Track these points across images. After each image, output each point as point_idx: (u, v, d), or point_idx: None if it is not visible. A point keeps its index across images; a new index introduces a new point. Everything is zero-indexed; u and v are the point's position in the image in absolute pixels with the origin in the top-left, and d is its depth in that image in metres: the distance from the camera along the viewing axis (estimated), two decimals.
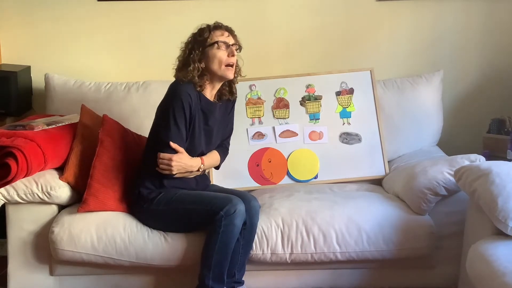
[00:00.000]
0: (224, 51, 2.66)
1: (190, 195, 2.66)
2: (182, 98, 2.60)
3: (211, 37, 2.66)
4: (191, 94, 2.62)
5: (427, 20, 3.53)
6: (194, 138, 2.69)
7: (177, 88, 2.64)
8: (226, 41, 2.67)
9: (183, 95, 2.60)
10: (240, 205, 2.55)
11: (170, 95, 2.66)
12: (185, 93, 2.61)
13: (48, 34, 3.49)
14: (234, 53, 2.67)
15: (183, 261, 2.65)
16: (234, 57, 2.68)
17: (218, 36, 2.67)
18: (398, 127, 3.25)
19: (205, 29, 2.68)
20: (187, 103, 2.60)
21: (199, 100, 2.68)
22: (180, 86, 2.64)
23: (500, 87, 3.56)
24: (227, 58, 2.66)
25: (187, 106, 2.60)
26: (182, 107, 2.60)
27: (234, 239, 2.55)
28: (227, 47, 2.67)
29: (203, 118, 2.72)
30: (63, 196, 2.75)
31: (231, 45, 2.68)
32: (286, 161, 3.20)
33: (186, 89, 2.62)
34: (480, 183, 2.37)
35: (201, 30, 2.69)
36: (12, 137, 2.66)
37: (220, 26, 2.71)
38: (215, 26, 2.70)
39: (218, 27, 2.70)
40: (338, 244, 2.67)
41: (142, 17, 3.48)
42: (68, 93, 3.26)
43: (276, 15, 3.51)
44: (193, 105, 2.62)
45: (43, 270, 2.78)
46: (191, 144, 2.69)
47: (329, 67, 3.39)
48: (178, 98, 2.61)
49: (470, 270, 2.32)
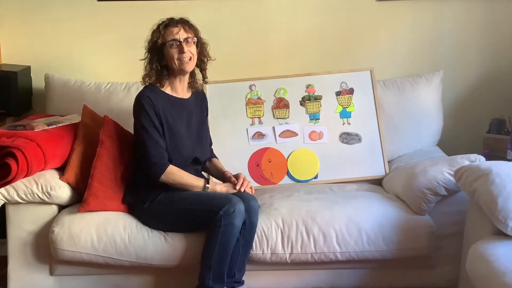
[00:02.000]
0: (176, 48, 2.69)
1: (189, 195, 2.66)
2: (143, 104, 2.65)
3: (162, 37, 2.69)
4: (150, 96, 2.67)
5: (427, 20, 3.53)
6: (175, 138, 2.70)
7: (138, 98, 2.70)
8: (176, 38, 2.68)
9: (144, 101, 2.66)
10: (240, 205, 2.55)
11: (134, 108, 2.71)
12: (145, 99, 2.66)
13: (48, 34, 3.49)
14: (183, 50, 2.68)
15: (183, 261, 2.65)
16: (186, 53, 2.68)
17: (169, 35, 2.69)
18: (398, 127, 3.25)
19: (155, 31, 2.72)
20: (149, 107, 2.65)
21: (165, 98, 2.72)
22: (139, 95, 2.70)
23: (500, 87, 3.56)
24: (178, 55, 2.68)
25: (151, 110, 2.65)
26: (147, 114, 2.64)
27: (233, 239, 2.55)
28: (177, 45, 2.68)
29: (178, 115, 2.74)
30: (63, 196, 2.75)
31: (182, 41, 2.68)
32: (286, 161, 3.20)
33: (146, 93, 2.69)
34: (480, 183, 2.37)
35: (153, 33, 2.73)
36: (12, 137, 2.66)
37: (171, 23, 2.71)
38: (165, 25, 2.72)
39: (168, 25, 2.71)
40: (338, 244, 2.67)
41: (142, 17, 3.48)
42: (68, 93, 3.27)
43: (276, 15, 3.52)
44: (156, 106, 2.66)
45: (43, 270, 2.78)
46: (175, 144, 2.70)
47: (329, 67, 3.39)
48: (140, 107, 2.66)
49: (470, 270, 2.32)
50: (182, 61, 2.68)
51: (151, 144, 2.64)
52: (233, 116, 3.23)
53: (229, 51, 3.42)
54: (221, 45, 3.15)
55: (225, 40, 3.44)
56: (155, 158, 2.63)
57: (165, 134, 2.68)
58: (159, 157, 2.64)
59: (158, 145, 2.65)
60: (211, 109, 3.04)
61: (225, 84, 3.24)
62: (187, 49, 2.69)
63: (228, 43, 3.45)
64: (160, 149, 2.65)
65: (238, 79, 3.28)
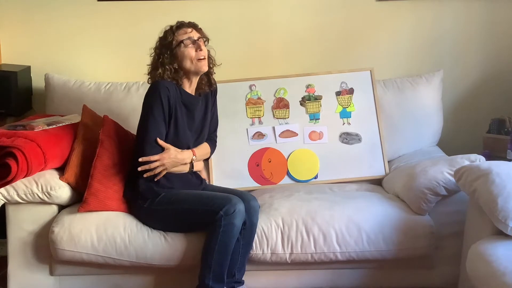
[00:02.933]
0: (192, 47, 2.70)
1: (189, 195, 2.67)
2: (160, 91, 2.64)
3: (175, 38, 2.71)
4: (169, 87, 2.67)
5: (427, 20, 3.53)
6: (178, 132, 2.71)
7: (155, 84, 2.69)
8: (191, 37, 2.71)
9: (161, 89, 2.65)
10: (240, 205, 2.56)
11: (148, 93, 2.71)
12: (163, 87, 2.66)
13: (48, 34, 3.49)
14: (201, 47, 2.71)
15: (183, 261, 2.65)
16: (203, 51, 2.72)
17: (182, 35, 2.71)
18: (398, 127, 3.25)
19: (169, 31, 2.73)
20: (165, 96, 2.64)
21: (179, 94, 2.72)
22: (159, 82, 2.69)
23: (500, 87, 3.56)
24: (196, 53, 2.70)
25: (165, 98, 2.64)
26: (160, 101, 2.63)
27: (234, 239, 2.55)
28: (193, 43, 2.71)
29: (186, 111, 2.75)
30: (63, 196, 2.75)
31: (197, 39, 2.72)
32: (286, 161, 3.20)
33: (164, 83, 2.68)
34: (480, 183, 2.37)
35: (165, 33, 2.74)
36: (12, 137, 2.66)
37: (183, 25, 2.74)
38: (177, 26, 2.74)
39: (181, 26, 2.74)
40: (338, 244, 2.67)
41: (142, 17, 3.48)
42: (68, 93, 3.27)
43: (277, 15, 3.52)
44: (171, 98, 2.66)
45: (43, 270, 2.78)
46: (177, 138, 2.71)
47: (329, 67, 3.39)
48: (156, 93, 2.66)
49: (470, 270, 2.32)
50: (200, 60, 2.70)
51: (153, 125, 2.64)
52: (233, 116, 3.22)
53: (229, 51, 3.42)
54: (221, 45, 3.13)
55: (225, 40, 3.44)
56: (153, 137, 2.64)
57: (170, 125, 2.69)
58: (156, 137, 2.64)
59: (159, 129, 2.65)
60: None
61: (225, 84, 3.24)
62: (203, 47, 2.72)
63: (228, 43, 3.45)
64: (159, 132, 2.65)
65: (238, 79, 3.28)
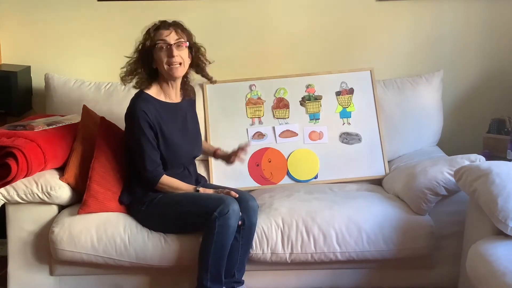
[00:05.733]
0: (165, 51, 2.62)
1: (185, 196, 2.66)
2: (138, 119, 2.59)
3: (153, 39, 2.63)
4: (144, 108, 2.61)
5: (427, 20, 3.52)
6: (172, 147, 2.68)
7: (130, 112, 2.64)
8: (165, 40, 2.61)
9: (137, 114, 2.60)
10: (234, 205, 2.54)
11: (126, 119, 2.66)
12: (138, 111, 2.60)
13: (48, 34, 3.49)
14: (172, 54, 2.60)
15: (183, 261, 2.65)
16: (174, 57, 2.61)
17: (159, 36, 2.63)
18: (398, 127, 3.25)
19: (147, 33, 2.66)
20: (143, 120, 2.60)
21: (157, 108, 2.66)
22: (132, 108, 2.63)
23: (500, 87, 3.56)
24: (167, 59, 2.62)
25: (144, 122, 2.60)
26: (140, 128, 2.59)
27: (229, 239, 2.54)
28: (166, 47, 2.62)
29: (172, 121, 2.70)
30: (63, 197, 2.75)
31: (174, 43, 2.62)
32: (286, 161, 3.20)
33: (138, 105, 2.62)
34: (480, 183, 2.37)
35: (145, 34, 2.67)
36: (12, 137, 2.66)
37: (161, 26, 2.65)
38: (157, 27, 2.66)
39: (161, 27, 2.65)
40: (338, 244, 2.67)
41: (142, 17, 3.46)
42: (68, 93, 3.26)
43: (276, 15, 3.51)
44: (150, 117, 2.61)
45: (43, 270, 2.78)
46: (171, 151, 2.68)
47: (329, 67, 3.39)
48: (134, 121, 2.61)
49: (470, 270, 2.32)
50: (171, 66, 2.62)
51: (145, 157, 2.63)
52: (233, 116, 3.23)
53: (229, 51, 3.42)
54: (221, 45, 3.16)
55: (225, 40, 3.44)
56: (148, 172, 2.64)
57: (160, 146, 2.66)
58: (152, 171, 2.64)
59: (151, 158, 2.63)
60: (211, 109, 3.07)
61: (225, 84, 3.24)
62: (177, 53, 2.62)
63: (228, 43, 3.45)
64: (153, 162, 2.64)
65: (238, 79, 3.28)
